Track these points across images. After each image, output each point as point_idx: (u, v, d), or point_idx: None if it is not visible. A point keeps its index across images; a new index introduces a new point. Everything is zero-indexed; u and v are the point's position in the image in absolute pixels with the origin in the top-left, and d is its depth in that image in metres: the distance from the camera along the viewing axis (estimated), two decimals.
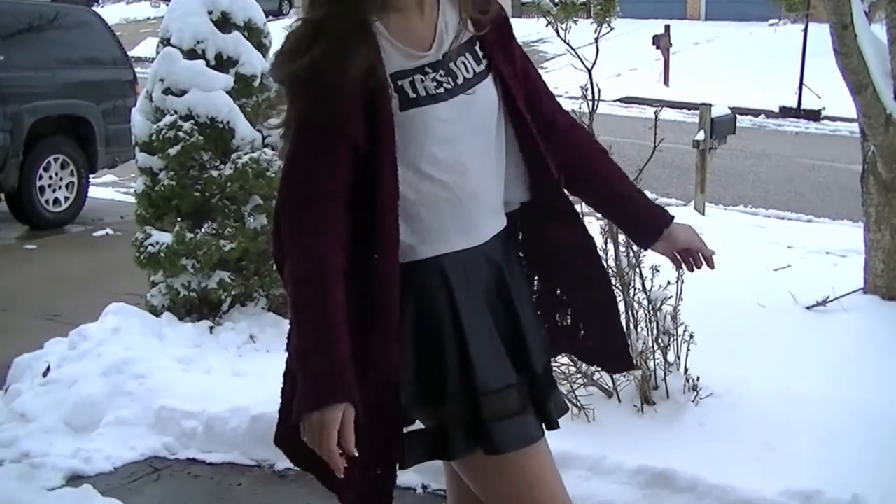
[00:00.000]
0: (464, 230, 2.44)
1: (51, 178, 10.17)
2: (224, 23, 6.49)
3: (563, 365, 4.58)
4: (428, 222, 2.40)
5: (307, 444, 2.24)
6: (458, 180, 2.42)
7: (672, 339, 4.77)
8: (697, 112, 10.15)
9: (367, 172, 2.36)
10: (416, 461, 2.47)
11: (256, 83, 6.53)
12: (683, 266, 2.75)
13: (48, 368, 5.54)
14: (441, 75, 2.43)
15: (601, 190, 2.71)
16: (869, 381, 4.95)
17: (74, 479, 4.61)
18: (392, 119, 2.36)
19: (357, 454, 2.21)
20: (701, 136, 9.74)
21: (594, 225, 5.02)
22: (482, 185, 2.47)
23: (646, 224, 2.71)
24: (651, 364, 4.72)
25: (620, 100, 19.43)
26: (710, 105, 9.89)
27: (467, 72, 2.47)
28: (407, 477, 4.34)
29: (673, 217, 2.72)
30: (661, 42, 20.95)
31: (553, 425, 2.55)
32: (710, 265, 2.73)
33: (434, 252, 2.40)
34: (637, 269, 4.81)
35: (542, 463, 2.50)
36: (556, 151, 2.63)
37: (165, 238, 6.23)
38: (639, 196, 2.73)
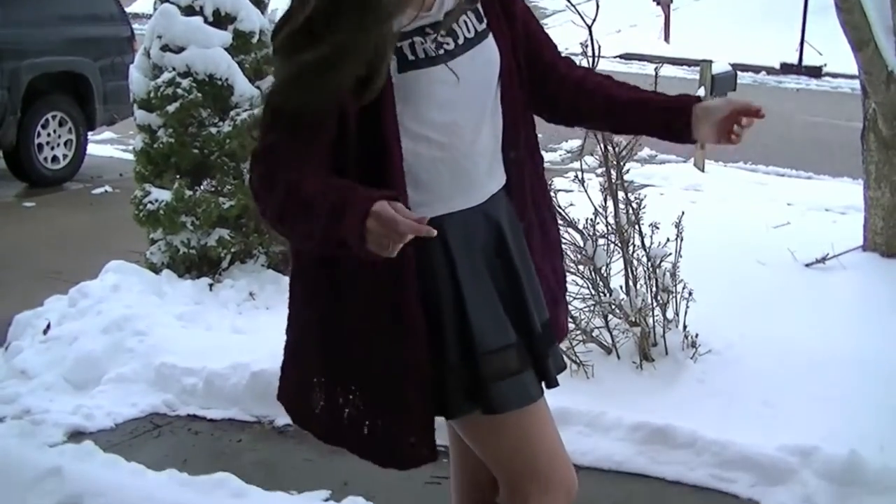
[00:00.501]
0: (463, 191, 2.42)
1: (49, 135, 10.11)
2: None
3: None
4: (427, 184, 2.38)
5: (387, 249, 2.11)
6: (456, 142, 2.39)
7: (671, 296, 4.78)
8: (698, 69, 10.11)
9: (368, 139, 2.31)
10: None
11: (255, 40, 6.49)
12: (733, 136, 2.50)
13: (48, 326, 5.55)
14: (441, 36, 2.37)
15: (615, 107, 2.61)
16: (867, 338, 4.97)
17: (76, 436, 4.62)
18: (391, 83, 2.30)
19: (428, 223, 2.11)
20: (701, 92, 9.70)
21: (594, 181, 5.03)
22: (481, 145, 2.44)
23: (673, 110, 2.56)
24: (650, 321, 4.74)
25: (620, 56, 19.33)
26: (711, 61, 9.85)
27: (468, 31, 2.42)
28: None
29: (699, 97, 2.59)
30: None
31: (552, 383, 2.54)
32: (760, 114, 2.47)
33: (433, 213, 2.35)
34: (636, 227, 4.81)
35: (540, 422, 2.50)
36: (560, 93, 2.62)
37: (164, 195, 6.23)
38: (656, 94, 2.65)
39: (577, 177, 5.03)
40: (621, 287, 4.80)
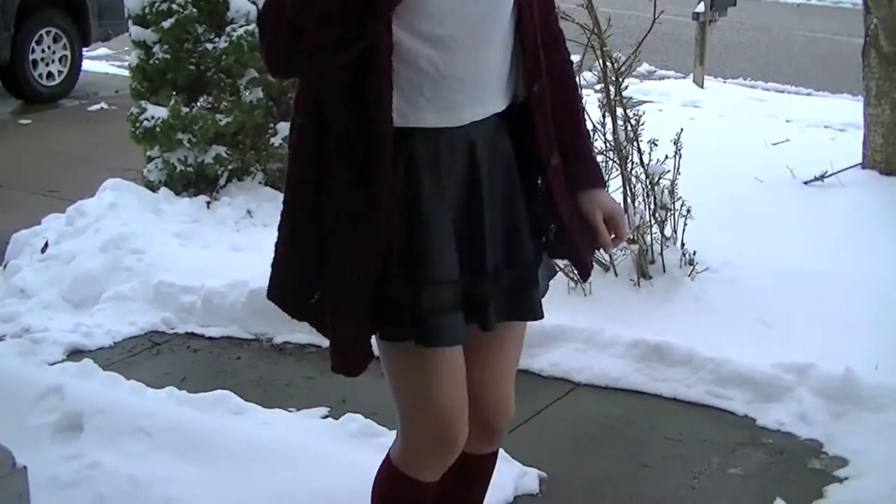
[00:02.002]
0: (437, 108, 2.27)
1: (43, 51, 10.02)
2: None
3: None
4: (404, 91, 2.24)
5: None
6: (445, 57, 2.24)
7: (669, 214, 4.77)
8: None
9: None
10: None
11: None
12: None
13: (46, 244, 5.55)
14: None
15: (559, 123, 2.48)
16: (864, 256, 4.97)
17: (75, 354, 4.63)
18: None
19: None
20: (701, 7, 9.61)
21: (591, 97, 4.99)
22: (475, 67, 2.28)
23: (576, 176, 2.50)
24: (648, 238, 4.73)
25: None
26: None
27: None
28: None
29: (603, 185, 2.56)
30: None
31: (487, 327, 2.38)
32: (607, 246, 2.55)
33: (403, 123, 2.25)
34: (635, 143, 4.79)
35: (451, 367, 2.36)
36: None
37: (161, 112, 6.19)
38: (578, 150, 2.52)
39: None
40: (619, 204, 4.78)
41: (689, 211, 4.73)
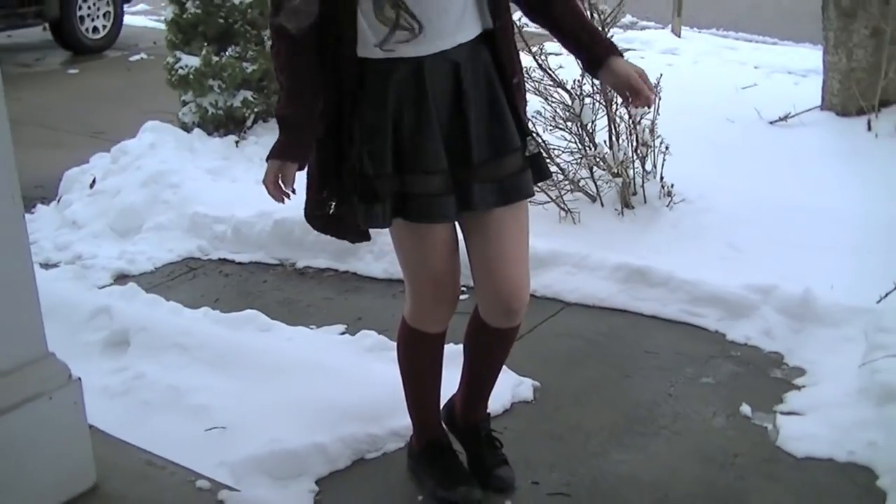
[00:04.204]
0: (412, 44, 2.36)
1: (89, 8, 9.97)
2: None
3: (554, 173, 4.54)
4: (379, 30, 2.36)
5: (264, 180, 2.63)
6: (413, 7, 2.32)
7: (650, 150, 4.72)
8: None
9: None
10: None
11: None
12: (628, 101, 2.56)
13: (94, 180, 5.53)
14: None
15: (560, 29, 2.58)
16: (823, 187, 4.93)
17: (121, 278, 4.64)
18: None
19: (290, 198, 2.63)
20: None
21: None
22: (435, 14, 2.35)
23: (591, 56, 2.56)
24: (631, 172, 4.69)
25: None
26: None
27: None
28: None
29: (619, 53, 2.55)
30: None
31: (472, 206, 2.49)
32: (646, 104, 2.52)
33: (383, 55, 2.37)
34: None
35: (440, 238, 2.55)
36: None
37: (193, 61, 6.15)
38: (589, 34, 2.58)
39: None
40: (605, 142, 4.74)
41: (667, 148, 4.68)
